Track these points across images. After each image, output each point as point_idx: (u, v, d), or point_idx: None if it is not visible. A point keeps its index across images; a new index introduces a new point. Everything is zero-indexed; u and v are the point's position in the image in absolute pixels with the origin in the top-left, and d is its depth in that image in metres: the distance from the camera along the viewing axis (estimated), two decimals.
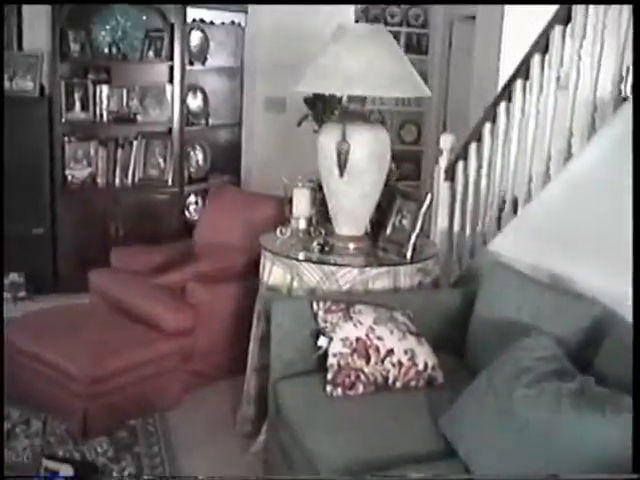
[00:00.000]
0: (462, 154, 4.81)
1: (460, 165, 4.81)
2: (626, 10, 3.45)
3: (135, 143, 5.94)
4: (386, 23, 8.03)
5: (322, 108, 5.83)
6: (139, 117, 5.92)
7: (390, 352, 3.41)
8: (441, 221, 4.92)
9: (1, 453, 3.67)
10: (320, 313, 3.57)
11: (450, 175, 4.92)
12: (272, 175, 6.36)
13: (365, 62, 3.77)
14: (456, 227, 4.85)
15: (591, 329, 3.13)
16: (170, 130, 5.90)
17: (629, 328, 2.96)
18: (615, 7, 3.52)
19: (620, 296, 3.18)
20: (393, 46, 3.96)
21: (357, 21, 7.14)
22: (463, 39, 7.86)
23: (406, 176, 7.50)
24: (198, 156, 6.25)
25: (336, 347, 3.42)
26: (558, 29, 3.89)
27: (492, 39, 7.07)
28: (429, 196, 4.18)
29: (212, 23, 6.03)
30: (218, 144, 6.41)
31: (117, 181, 5.89)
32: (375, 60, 3.80)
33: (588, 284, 3.40)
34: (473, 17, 7.54)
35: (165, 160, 5.87)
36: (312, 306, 3.60)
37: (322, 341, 3.52)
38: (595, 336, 3.08)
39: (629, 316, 3.08)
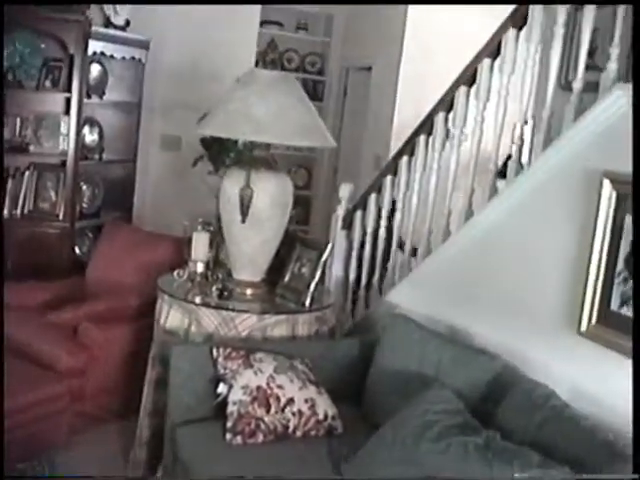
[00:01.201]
0: (361, 204, 4.89)
1: (358, 214, 4.88)
2: (528, 79, 3.61)
3: (27, 174, 5.76)
4: (283, 68, 8.12)
5: (218, 150, 5.86)
6: (32, 147, 5.76)
7: (290, 401, 3.41)
8: (337, 269, 4.97)
9: (1, 453, 3.53)
10: (220, 359, 3.54)
11: (347, 224, 4.99)
12: (165, 214, 6.33)
13: (275, 110, 3.80)
14: (352, 276, 4.91)
15: (492, 383, 3.22)
16: (64, 163, 5.75)
17: (531, 383, 3.07)
18: (519, 73, 3.67)
19: (520, 352, 3.29)
20: (302, 95, 4.01)
21: (257, 64, 7.18)
22: (359, 87, 8.02)
23: (296, 220, 7.57)
24: (90, 191, 6.12)
25: (236, 395, 3.40)
26: (463, 89, 4.03)
27: (388, 89, 7.25)
28: (329, 245, 4.23)
29: (112, 57, 5.95)
30: (111, 180, 6.29)
31: (5, 212, 5.70)
32: (284, 108, 3.84)
33: (487, 339, 3.50)
34: (369, 68, 7.72)
35: (57, 193, 5.72)
36: (212, 352, 3.57)
37: (222, 388, 3.49)
38: (496, 390, 3.16)
39: (529, 371, 3.18)
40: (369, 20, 7.73)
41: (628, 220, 2.90)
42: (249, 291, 4.13)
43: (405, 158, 4.48)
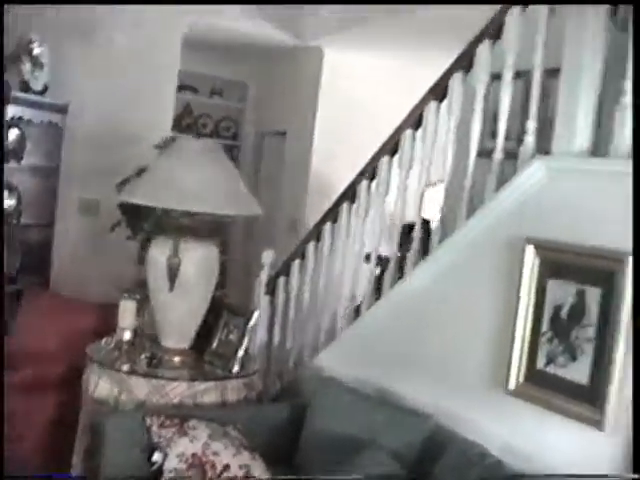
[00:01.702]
0: (284, 270, 4.97)
1: (281, 280, 4.97)
2: (450, 149, 3.78)
3: None
4: (198, 134, 8.19)
5: (136, 215, 5.86)
6: None
7: (226, 467, 3.43)
8: (261, 334, 5.02)
9: (1, 453, 3.50)
10: (154, 428, 3.54)
11: (271, 289, 5.06)
12: (84, 279, 6.26)
13: (202, 178, 3.88)
14: (276, 340, 4.97)
15: (427, 443, 3.31)
16: None
17: (465, 442, 3.18)
18: (440, 144, 3.85)
19: (452, 412, 3.39)
20: (227, 163, 4.10)
21: (173, 129, 7.24)
22: (273, 152, 8.16)
23: None
24: (8, 255, 6.04)
25: (172, 463, 3.40)
26: (386, 159, 4.18)
27: (303, 154, 7.41)
28: (256, 312, 4.30)
29: (30, 121, 5.93)
30: (29, 244, 6.22)
31: None
32: (211, 177, 3.92)
33: (419, 400, 3.59)
34: (283, 133, 7.88)
35: None
36: (145, 420, 3.57)
37: (157, 457, 3.48)
38: (432, 450, 3.25)
39: (462, 430, 3.28)
40: (283, 86, 7.90)
41: (551, 283, 3.07)
42: (177, 358, 4.15)
43: (328, 225, 4.59)
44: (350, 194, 4.42)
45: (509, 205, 3.28)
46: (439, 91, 3.81)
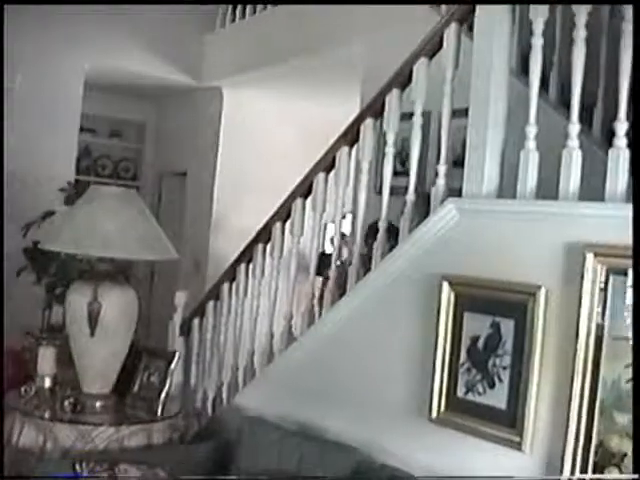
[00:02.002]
0: (198, 311, 5.07)
1: (196, 321, 5.06)
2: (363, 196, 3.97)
3: None
4: (97, 174, 8.20)
5: (41, 260, 5.87)
6: None
7: None
8: (177, 375, 5.07)
9: (1, 453, 3.49)
10: (84, 475, 3.57)
11: (185, 330, 5.14)
12: None
13: (120, 225, 3.97)
14: (193, 381, 5.04)
15: (356, 475, 3.45)
16: None
17: (393, 470, 3.34)
18: (352, 186, 4.04)
19: (377, 443, 3.55)
20: (143, 208, 4.20)
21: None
22: (174, 192, 8.23)
23: None
24: None
25: None
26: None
27: (204, 193, 7.51)
28: (177, 354, 4.39)
29: None
30: None
31: None
32: (130, 223, 4.02)
33: (344, 432, 3.71)
34: (184, 173, 7.96)
35: None
36: (75, 468, 3.59)
37: None
38: None
39: (389, 460, 3.44)
40: (183, 126, 7.99)
41: (467, 316, 3.28)
42: (100, 403, 4.20)
43: (243, 265, 4.71)
44: (265, 235, 4.54)
45: (424, 244, 3.47)
46: (350, 136, 4.00)
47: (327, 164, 4.10)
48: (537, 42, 3.15)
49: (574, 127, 3.02)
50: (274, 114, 7.44)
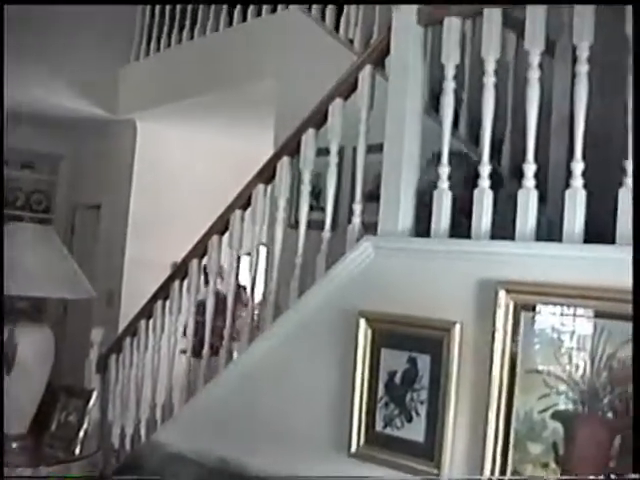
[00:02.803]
0: (115, 348, 5.03)
1: (113, 358, 5.03)
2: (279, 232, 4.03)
3: None
4: (8, 206, 8.06)
5: None
6: None
7: None
8: (94, 413, 5.02)
9: (1, 453, 3.49)
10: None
11: (102, 367, 5.10)
12: None
13: (39, 263, 3.94)
14: (111, 418, 5.00)
15: None
16: None
17: None
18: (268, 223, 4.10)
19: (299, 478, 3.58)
20: (60, 246, 4.18)
21: None
22: (87, 225, 8.15)
23: None
24: None
25: None
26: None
27: (118, 226, 7.46)
28: (94, 392, 4.35)
29: None
30: None
31: None
32: (48, 261, 4.00)
33: (263, 469, 3.72)
34: (98, 205, 7.90)
35: None
36: None
37: None
38: None
39: None
40: (97, 158, 7.94)
41: (384, 352, 3.34)
42: (17, 444, 4.14)
43: (159, 302, 4.71)
44: (181, 271, 4.55)
45: (340, 282, 3.53)
46: (267, 174, 4.05)
47: (243, 202, 4.14)
48: (449, 86, 3.26)
49: (485, 168, 3.13)
50: (189, 147, 7.44)
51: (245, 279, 4.37)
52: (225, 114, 6.79)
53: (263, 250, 4.45)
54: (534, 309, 2.91)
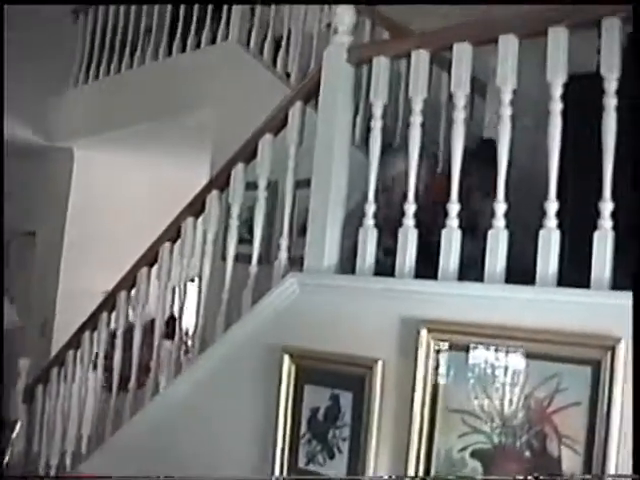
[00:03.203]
0: (42, 378, 4.96)
1: (40, 388, 4.95)
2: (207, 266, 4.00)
3: None
4: None
5: None
6: None
7: None
8: (19, 443, 4.94)
9: (1, 454, 3.42)
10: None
11: (28, 397, 5.02)
12: None
13: None
14: (36, 449, 4.91)
15: None
16: None
17: None
18: (197, 255, 4.08)
19: None
20: None
21: None
22: (22, 252, 8.02)
23: None
24: None
25: None
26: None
27: (53, 253, 7.36)
28: (19, 423, 4.28)
29: None
30: None
31: None
32: None
33: None
34: (33, 233, 7.79)
35: None
36: None
37: None
38: None
39: None
40: (32, 185, 7.83)
41: (307, 388, 3.35)
42: None
43: (87, 333, 4.65)
44: (109, 304, 4.51)
45: (266, 317, 3.53)
46: (196, 207, 4.04)
47: (173, 234, 4.13)
48: (376, 125, 3.30)
49: (410, 207, 3.16)
50: (126, 176, 7.37)
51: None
52: (163, 143, 6.77)
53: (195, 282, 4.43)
54: (455, 348, 2.94)
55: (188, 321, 4.37)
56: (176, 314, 4.23)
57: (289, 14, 5.47)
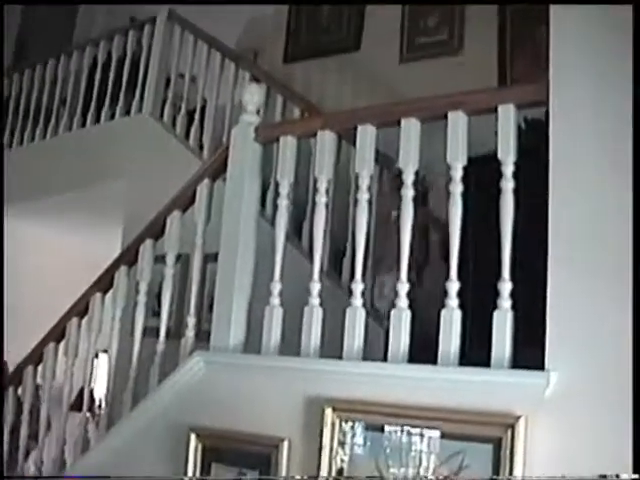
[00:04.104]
0: None
1: None
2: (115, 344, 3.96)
3: None
4: None
5: None
6: None
7: None
8: None
9: (0, 453, 2.70)
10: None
11: None
12: None
13: None
14: None
15: None
16: None
17: None
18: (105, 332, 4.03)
19: None
20: None
21: None
22: None
23: None
24: None
25: None
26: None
27: None
28: None
29: None
30: None
31: None
32: None
33: None
34: None
35: None
36: None
37: None
38: None
39: None
40: None
41: (214, 467, 3.30)
42: None
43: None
44: (16, 380, 4.41)
45: (173, 395, 3.48)
46: (104, 283, 4.01)
47: (80, 309, 4.08)
48: (282, 203, 3.34)
49: (315, 285, 3.19)
50: (43, 245, 7.26)
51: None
52: (78, 213, 6.72)
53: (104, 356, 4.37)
54: (361, 427, 2.95)
55: (100, 392, 4.29)
56: (85, 386, 4.16)
57: (203, 87, 5.54)
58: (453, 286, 2.88)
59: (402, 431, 2.88)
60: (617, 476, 2.41)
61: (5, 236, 7.14)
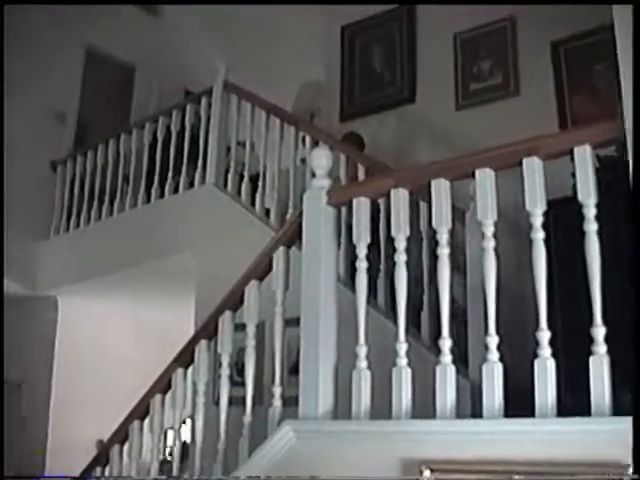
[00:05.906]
0: None
1: None
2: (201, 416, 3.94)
3: None
4: None
5: None
6: None
7: None
8: None
9: (1, 453, 3.49)
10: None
11: None
12: None
13: None
14: None
15: None
16: None
17: None
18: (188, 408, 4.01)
19: None
20: None
21: None
22: (10, 403, 7.86)
23: None
24: None
25: None
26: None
27: (40, 406, 7.23)
28: None
29: None
30: None
31: None
32: None
33: None
34: (19, 385, 7.66)
35: None
36: None
37: None
38: None
39: None
40: (18, 335, 7.70)
41: None
42: None
43: None
44: (103, 458, 4.42)
45: (264, 466, 3.42)
46: (185, 358, 4.01)
47: (163, 385, 4.08)
48: (361, 265, 3.30)
49: (402, 346, 3.13)
50: (111, 321, 7.34)
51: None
52: (146, 287, 6.76)
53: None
54: None
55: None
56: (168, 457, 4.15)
57: (264, 152, 5.57)
58: (544, 335, 2.81)
59: None
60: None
61: (77, 315, 7.26)
